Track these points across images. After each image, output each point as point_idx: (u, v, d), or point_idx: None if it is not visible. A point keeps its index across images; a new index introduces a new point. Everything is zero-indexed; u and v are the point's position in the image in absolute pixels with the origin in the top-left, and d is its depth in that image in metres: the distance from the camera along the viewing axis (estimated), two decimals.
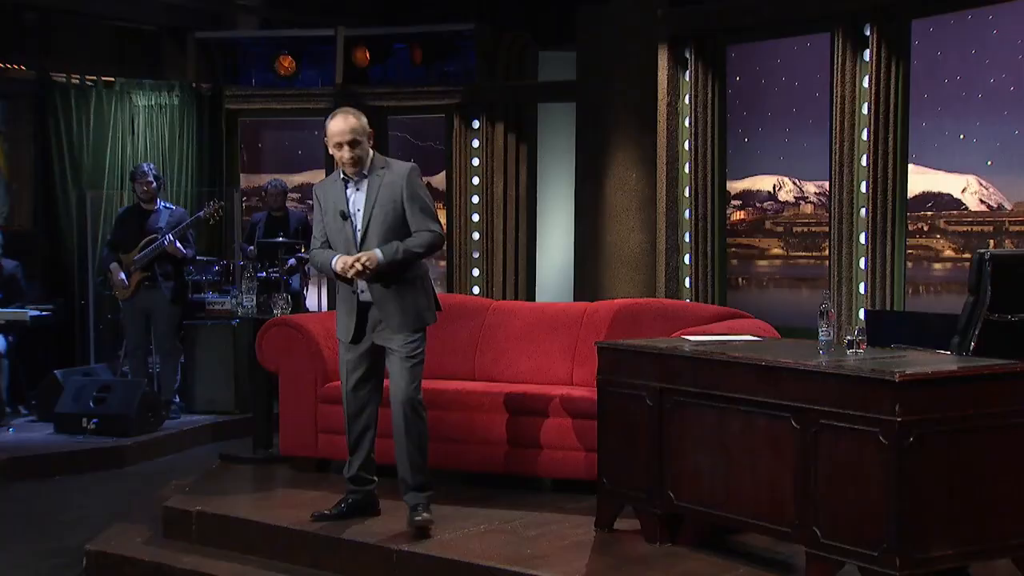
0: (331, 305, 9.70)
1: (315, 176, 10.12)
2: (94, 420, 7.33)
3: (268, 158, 10.27)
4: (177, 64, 10.35)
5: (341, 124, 4.64)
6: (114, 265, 7.80)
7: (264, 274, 7.98)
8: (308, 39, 10.17)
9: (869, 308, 7.06)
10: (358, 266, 4.59)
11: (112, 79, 9.38)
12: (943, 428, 3.68)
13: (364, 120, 4.72)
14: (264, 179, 9.48)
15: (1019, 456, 3.81)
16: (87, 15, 9.86)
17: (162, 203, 7.98)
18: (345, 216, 4.69)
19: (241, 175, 10.09)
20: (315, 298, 9.51)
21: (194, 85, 9.77)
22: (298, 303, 8.10)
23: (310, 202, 9.94)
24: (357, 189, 4.72)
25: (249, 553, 4.83)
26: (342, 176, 4.75)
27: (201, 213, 7.98)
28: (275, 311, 6.38)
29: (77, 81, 9.23)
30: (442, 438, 5.51)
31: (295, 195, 9.92)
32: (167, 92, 9.58)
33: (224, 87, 9.90)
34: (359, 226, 4.69)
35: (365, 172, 4.70)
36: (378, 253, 4.62)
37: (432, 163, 9.88)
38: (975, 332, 4.55)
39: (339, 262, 4.64)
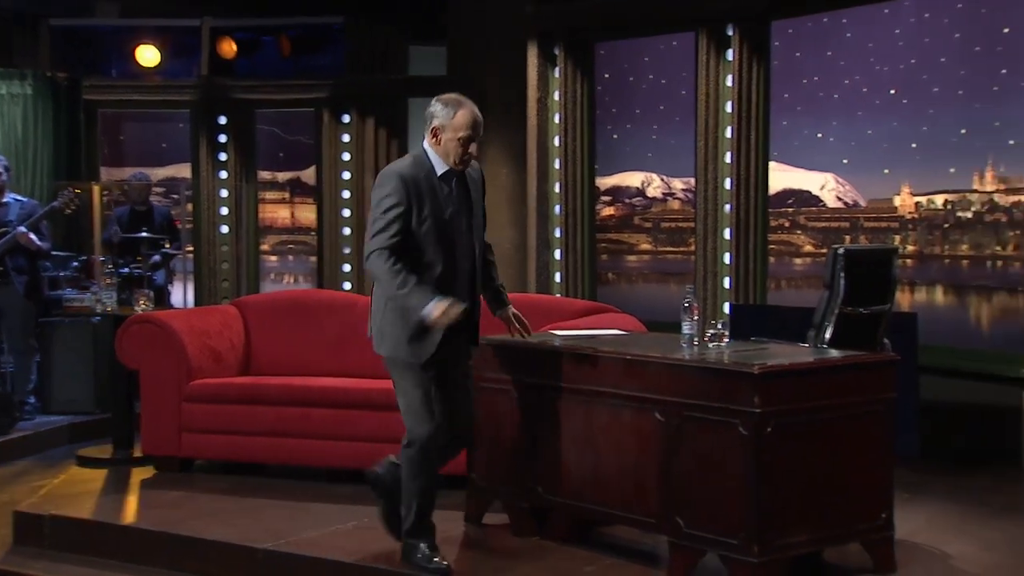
0: (198, 301, 9.45)
1: (180, 170, 9.85)
2: None
3: (131, 151, 9.94)
4: (30, 52, 9.92)
5: (478, 115, 4.08)
6: None
7: (127, 270, 7.73)
8: (172, 29, 9.87)
9: (734, 302, 7.24)
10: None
11: None
12: (800, 418, 3.79)
13: None
14: (127, 172, 9.17)
15: (869, 444, 3.96)
16: None
17: (12, 196, 7.64)
18: (454, 217, 4.12)
19: (102, 168, 9.74)
20: (180, 294, 9.25)
21: (49, 74, 9.40)
22: (162, 299, 7.87)
23: (175, 196, 9.76)
24: (450, 186, 4.13)
25: (106, 557, 4.67)
26: (439, 170, 4.11)
27: (56, 202, 7.66)
28: (136, 308, 6.21)
29: None
30: (310, 435, 5.45)
31: (159, 189, 9.63)
32: (19, 81, 9.17)
33: (82, 77, 9.54)
34: (464, 228, 4.16)
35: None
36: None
37: (301, 158, 9.72)
38: (829, 325, 4.70)
39: (437, 309, 3.95)
